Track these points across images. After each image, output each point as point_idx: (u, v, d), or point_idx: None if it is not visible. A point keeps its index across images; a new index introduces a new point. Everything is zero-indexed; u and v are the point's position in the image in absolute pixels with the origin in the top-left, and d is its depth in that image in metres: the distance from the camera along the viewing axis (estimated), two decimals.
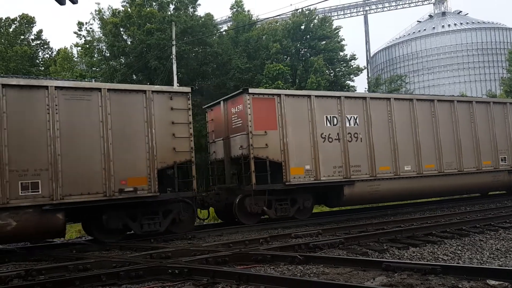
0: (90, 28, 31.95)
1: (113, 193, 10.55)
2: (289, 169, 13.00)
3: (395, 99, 15.39)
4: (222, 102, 14.50)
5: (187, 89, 12.07)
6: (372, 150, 14.43)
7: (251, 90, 13.12)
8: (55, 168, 9.97)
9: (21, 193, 9.70)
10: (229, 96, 14.41)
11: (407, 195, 15.84)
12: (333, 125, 13.97)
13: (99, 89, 10.76)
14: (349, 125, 14.23)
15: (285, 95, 13.54)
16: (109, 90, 10.88)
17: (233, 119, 13.87)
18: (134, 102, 11.17)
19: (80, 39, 32.45)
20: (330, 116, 13.99)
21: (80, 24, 31.87)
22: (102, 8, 32.00)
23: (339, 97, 14.34)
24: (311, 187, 13.53)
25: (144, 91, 11.34)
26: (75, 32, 32.28)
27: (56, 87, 10.28)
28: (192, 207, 12.09)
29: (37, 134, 9.96)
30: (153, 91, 11.46)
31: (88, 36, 31.94)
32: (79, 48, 33.63)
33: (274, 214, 13.15)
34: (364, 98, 14.86)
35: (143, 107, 11.23)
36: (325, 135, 13.77)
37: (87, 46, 31.91)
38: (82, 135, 10.45)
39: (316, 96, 13.96)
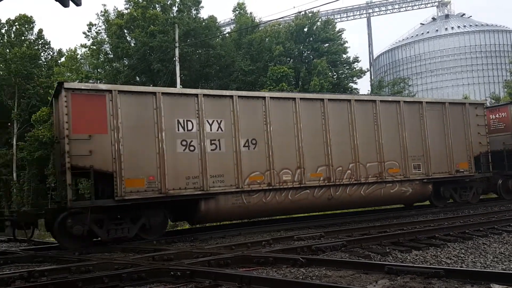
0: (98, 29, 32.29)
1: (453, 172, 15.87)
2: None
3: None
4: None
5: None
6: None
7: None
8: (426, 155, 15.42)
9: (413, 171, 15.09)
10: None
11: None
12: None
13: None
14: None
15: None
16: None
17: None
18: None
19: (89, 40, 32.77)
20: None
21: (90, 25, 32.18)
22: (108, 10, 32.26)
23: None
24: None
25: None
26: (84, 33, 32.65)
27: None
28: None
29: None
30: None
31: (96, 37, 32.27)
32: (86, 49, 33.93)
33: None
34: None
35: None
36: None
37: (94, 47, 32.19)
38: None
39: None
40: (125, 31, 30.39)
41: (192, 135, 11.82)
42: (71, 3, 9.04)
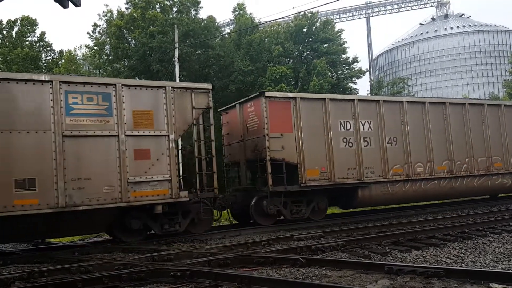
0: (103, 30, 32.46)
1: None
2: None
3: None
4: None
5: None
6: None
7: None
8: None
9: None
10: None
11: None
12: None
13: None
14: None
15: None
16: None
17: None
18: None
19: (92, 40, 32.91)
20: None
21: (95, 25, 32.37)
22: (111, 10, 32.37)
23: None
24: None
25: None
26: (88, 33, 32.83)
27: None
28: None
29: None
30: None
31: (100, 38, 32.43)
32: (89, 49, 34.11)
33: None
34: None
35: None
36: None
37: (96, 48, 32.33)
38: None
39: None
40: (125, 31, 30.40)
41: (350, 134, 14.35)
42: (70, 4, 9.05)
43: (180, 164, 13.05)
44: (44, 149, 9.90)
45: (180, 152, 13.69)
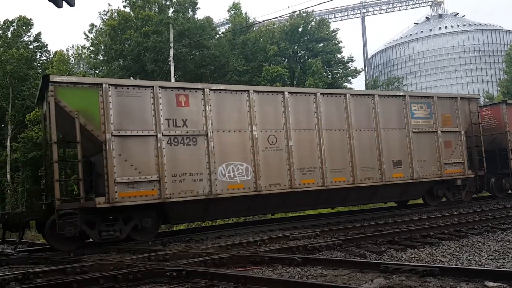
0: (99, 30, 32.39)
1: None
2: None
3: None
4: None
5: None
6: None
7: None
8: None
9: None
10: None
11: None
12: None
13: None
14: None
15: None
16: None
17: None
18: None
19: (88, 41, 32.84)
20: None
21: (92, 26, 32.31)
22: (111, 10, 32.30)
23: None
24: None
25: None
26: (84, 33, 32.81)
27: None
28: None
29: None
30: None
31: (96, 38, 32.35)
32: (85, 49, 34.09)
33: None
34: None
35: None
36: None
37: (92, 48, 32.25)
38: None
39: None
40: (119, 31, 30.32)
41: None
42: (64, 3, 9.01)
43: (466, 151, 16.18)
44: (403, 140, 14.47)
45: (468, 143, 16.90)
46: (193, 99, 11.38)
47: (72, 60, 38.46)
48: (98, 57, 32.61)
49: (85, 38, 33.28)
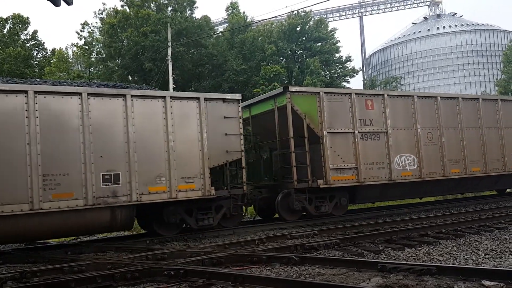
0: (92, 29, 32.23)
1: None
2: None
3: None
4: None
5: None
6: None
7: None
8: None
9: None
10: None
11: None
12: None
13: None
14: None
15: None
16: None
17: None
18: None
19: (81, 39, 32.67)
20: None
21: (84, 24, 32.14)
22: (107, 8, 32.19)
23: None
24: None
25: None
26: (77, 32, 32.60)
27: None
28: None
29: None
30: None
31: (89, 37, 32.17)
32: (76, 48, 33.88)
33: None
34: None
35: None
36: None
37: (86, 47, 32.07)
38: None
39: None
40: (118, 30, 30.23)
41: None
42: (62, 2, 9.00)
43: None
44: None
45: None
46: (376, 103, 14.16)
47: (71, 59, 38.34)
48: (92, 55, 32.43)
49: (78, 37, 33.06)
